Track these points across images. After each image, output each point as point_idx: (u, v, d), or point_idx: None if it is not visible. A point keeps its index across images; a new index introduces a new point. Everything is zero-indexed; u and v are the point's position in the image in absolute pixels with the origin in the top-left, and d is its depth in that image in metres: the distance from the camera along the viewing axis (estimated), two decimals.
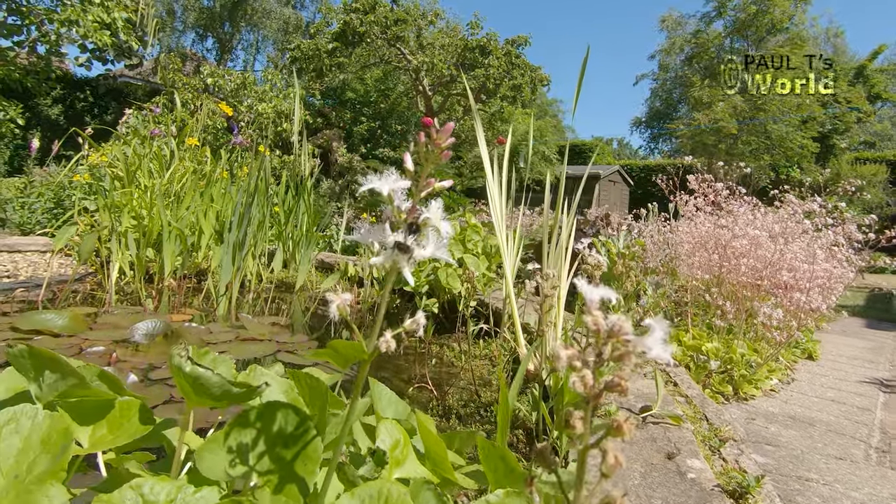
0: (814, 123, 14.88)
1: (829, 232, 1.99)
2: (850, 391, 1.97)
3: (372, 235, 0.51)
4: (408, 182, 0.51)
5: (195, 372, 0.57)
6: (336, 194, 7.74)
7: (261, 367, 0.78)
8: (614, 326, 0.32)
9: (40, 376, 0.57)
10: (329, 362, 0.92)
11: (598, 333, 0.33)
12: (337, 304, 0.51)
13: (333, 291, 0.52)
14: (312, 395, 0.67)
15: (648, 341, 0.31)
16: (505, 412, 0.75)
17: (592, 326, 0.33)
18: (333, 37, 7.61)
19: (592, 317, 0.33)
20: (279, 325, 2.36)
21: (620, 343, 0.32)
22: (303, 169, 3.50)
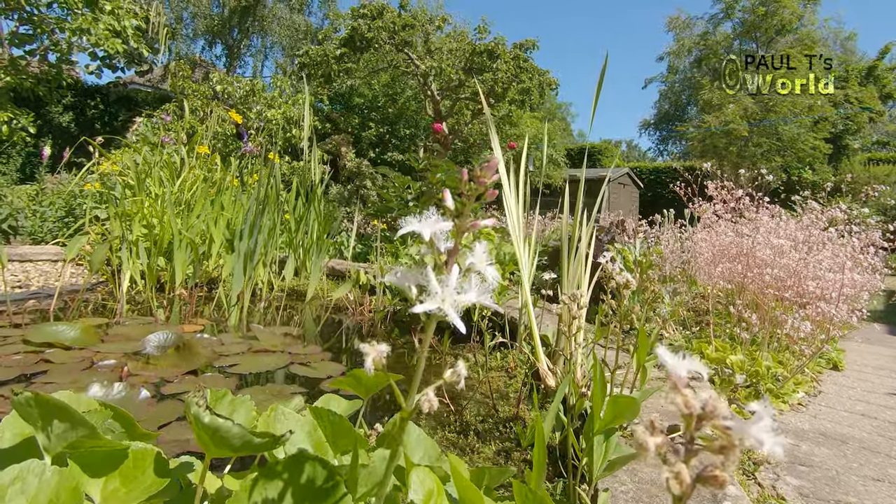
0: (826, 124, 14.71)
1: (854, 239, 1.93)
2: (880, 404, 1.90)
3: (409, 279, 0.48)
4: (450, 223, 0.47)
5: (214, 423, 0.53)
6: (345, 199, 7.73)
7: (281, 407, 0.74)
8: (708, 408, 0.28)
9: (48, 426, 0.53)
10: None
11: (689, 417, 0.29)
12: (373, 358, 0.48)
13: (369, 344, 0.48)
14: (335, 432, 0.63)
15: (755, 430, 0.27)
16: (541, 454, 0.70)
17: (683, 409, 0.29)
18: (341, 42, 7.61)
19: (682, 397, 0.29)
20: (291, 336, 2.33)
21: (719, 430, 0.28)
22: (313, 176, 3.48)
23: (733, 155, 13.86)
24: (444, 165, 4.07)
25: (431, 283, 0.46)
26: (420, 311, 0.45)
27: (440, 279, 0.46)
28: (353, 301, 3.02)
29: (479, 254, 0.48)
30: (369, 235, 5.15)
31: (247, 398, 0.74)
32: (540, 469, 0.71)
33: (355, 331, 2.64)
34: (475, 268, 0.47)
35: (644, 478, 0.91)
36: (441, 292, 0.45)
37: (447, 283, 0.45)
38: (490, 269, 0.48)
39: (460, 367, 0.50)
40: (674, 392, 0.29)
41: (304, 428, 0.70)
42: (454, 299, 0.45)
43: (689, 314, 2.45)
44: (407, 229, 0.47)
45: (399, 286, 0.49)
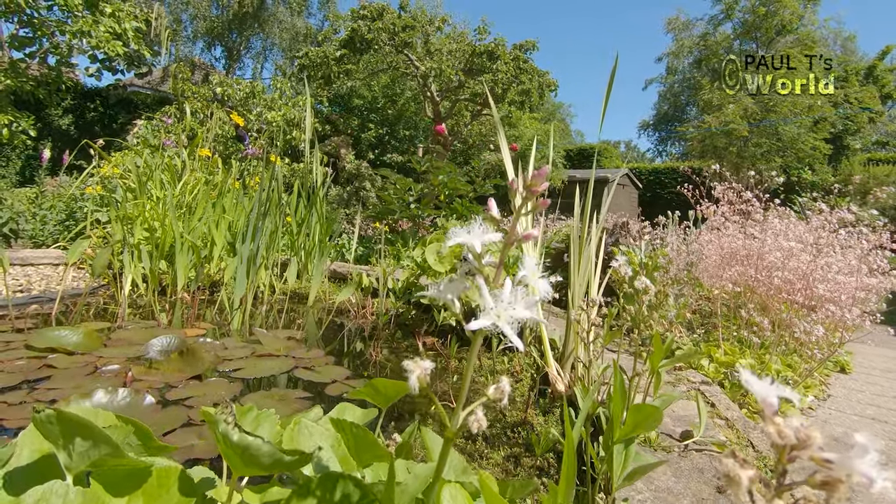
0: (825, 124, 14.70)
1: (863, 241, 1.92)
2: (891, 408, 1.89)
3: (449, 291, 0.46)
4: (499, 234, 0.46)
5: (244, 442, 0.51)
6: (345, 201, 7.72)
7: (305, 420, 0.73)
8: (802, 437, 0.27)
9: (70, 444, 0.51)
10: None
11: (782, 449, 0.27)
12: (417, 376, 0.46)
13: (413, 361, 0.47)
14: (359, 446, 0.62)
15: (862, 464, 0.25)
16: (571, 469, 0.69)
17: (777, 440, 0.27)
18: (341, 44, 7.60)
19: (775, 426, 0.27)
20: (294, 340, 2.31)
21: (819, 463, 0.26)
22: (314, 178, 3.47)
23: (733, 155, 13.85)
24: (446, 167, 4.06)
25: (486, 299, 0.44)
26: (476, 328, 0.44)
27: (493, 294, 0.45)
28: (356, 304, 3.00)
29: (530, 266, 0.46)
30: (370, 237, 5.13)
31: (271, 412, 0.72)
32: (569, 484, 0.69)
33: (358, 334, 2.63)
34: (527, 280, 0.46)
35: (661, 486, 0.90)
36: (496, 307, 0.44)
37: (501, 298, 0.44)
38: (542, 282, 0.46)
39: (504, 384, 0.48)
40: (766, 422, 0.28)
41: (327, 441, 0.69)
42: (509, 314, 0.44)
43: (694, 317, 2.44)
44: (456, 240, 0.46)
45: (440, 298, 0.47)
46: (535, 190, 0.44)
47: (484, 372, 2.03)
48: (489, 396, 0.48)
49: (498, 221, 0.47)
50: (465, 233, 0.46)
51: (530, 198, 0.45)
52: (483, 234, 0.46)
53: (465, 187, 4.15)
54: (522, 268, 0.46)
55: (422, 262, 2.79)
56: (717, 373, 1.65)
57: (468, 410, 0.47)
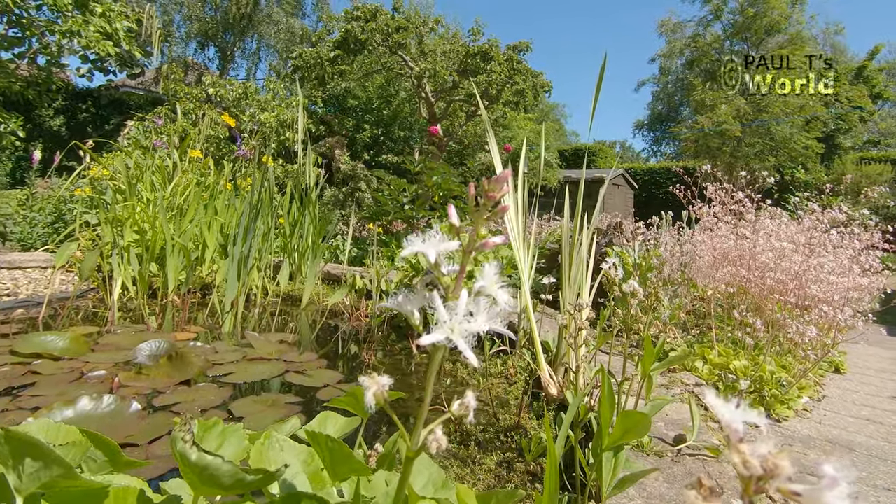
0: (817, 123, 14.80)
1: (856, 241, 1.92)
2: (886, 409, 1.88)
3: (411, 303, 0.45)
4: (456, 243, 0.44)
5: (202, 461, 0.49)
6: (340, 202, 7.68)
7: (275, 434, 0.71)
8: (769, 467, 0.25)
9: (19, 464, 0.49)
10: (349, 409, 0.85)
11: (748, 480, 0.25)
12: (374, 392, 0.44)
13: (369, 376, 0.45)
14: (334, 459, 0.60)
15: (831, 497, 0.24)
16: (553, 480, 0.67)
17: (742, 470, 0.25)
18: (335, 45, 7.56)
19: (739, 455, 0.25)
20: (286, 343, 2.29)
21: (786, 495, 0.25)
22: (307, 179, 3.44)
23: (727, 155, 13.93)
24: (440, 168, 4.04)
25: (439, 312, 0.42)
26: (428, 343, 0.42)
27: (448, 306, 0.42)
28: (350, 306, 2.98)
29: (489, 276, 0.44)
30: (365, 239, 5.11)
31: (238, 426, 0.70)
32: (552, 496, 0.68)
33: (352, 337, 2.61)
34: (486, 291, 0.44)
35: (652, 492, 0.88)
36: (449, 321, 0.42)
37: (455, 311, 0.42)
38: (501, 292, 0.44)
39: (469, 399, 0.47)
40: (731, 450, 0.26)
41: (300, 456, 0.67)
42: (464, 328, 0.42)
43: (688, 317, 2.43)
44: (410, 249, 0.44)
45: (401, 311, 0.45)
46: (491, 196, 0.43)
47: (477, 375, 2.01)
48: (453, 413, 0.46)
49: (457, 229, 0.45)
50: (421, 241, 0.44)
51: (487, 204, 0.43)
52: (439, 243, 0.44)
53: (460, 188, 4.14)
54: (481, 277, 0.44)
55: (415, 263, 2.77)
56: (711, 374, 1.64)
57: (429, 429, 0.45)
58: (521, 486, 1.24)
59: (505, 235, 0.53)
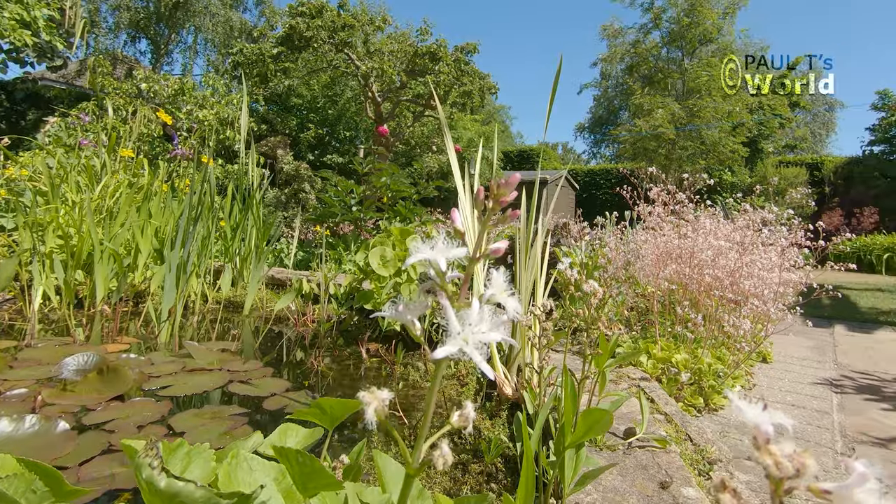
0: (743, 129, 15.82)
1: (782, 239, 2.06)
2: (807, 394, 2.03)
3: (410, 312, 0.43)
4: (463, 249, 0.42)
5: (172, 488, 0.45)
6: (283, 203, 7.47)
7: (243, 453, 0.66)
8: (797, 466, 0.25)
9: None
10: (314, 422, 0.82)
11: (778, 482, 0.25)
12: (375, 408, 0.42)
13: (368, 391, 0.42)
14: (304, 474, 0.57)
15: (860, 494, 0.24)
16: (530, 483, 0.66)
17: (775, 472, 0.25)
18: (278, 41, 7.32)
19: (772, 457, 0.25)
20: (229, 352, 2.19)
21: (816, 493, 0.25)
22: (250, 180, 3.31)
23: (662, 157, 14.63)
24: (389, 169, 4.00)
25: (451, 323, 0.40)
26: (443, 356, 0.40)
27: (459, 316, 0.41)
28: (296, 311, 2.89)
29: (498, 283, 0.43)
30: (311, 241, 4.98)
31: (204, 447, 0.65)
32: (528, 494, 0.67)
33: (298, 343, 2.53)
34: (495, 299, 0.43)
35: (608, 486, 0.90)
36: (463, 331, 0.40)
37: (468, 321, 0.40)
38: (512, 300, 0.43)
39: (468, 410, 0.45)
40: (762, 452, 0.26)
41: (270, 474, 0.63)
42: (478, 339, 0.40)
43: (631, 314, 2.52)
44: (418, 257, 0.42)
45: (400, 321, 0.43)
46: (503, 200, 0.41)
47: (425, 375, 2.00)
48: (452, 424, 0.45)
49: (463, 234, 0.44)
50: (429, 248, 0.42)
51: (497, 208, 0.42)
52: (448, 250, 0.42)
53: (409, 189, 4.11)
54: (491, 285, 0.43)
55: (364, 266, 2.72)
56: (654, 368, 1.71)
57: (430, 442, 0.44)
58: (478, 486, 1.24)
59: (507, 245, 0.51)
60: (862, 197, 14.88)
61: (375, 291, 2.30)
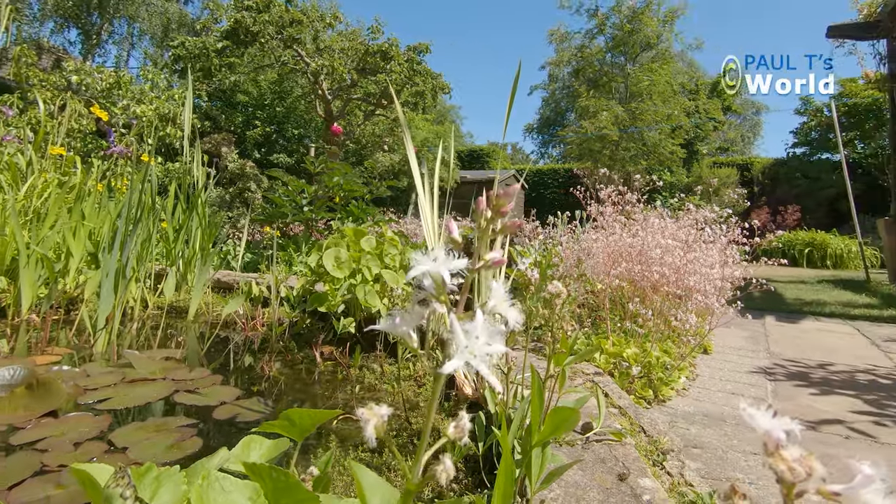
0: (681, 131, 16.65)
1: (721, 238, 2.19)
2: (744, 382, 2.15)
3: (406, 324, 0.42)
4: (464, 261, 0.42)
5: None
6: (227, 203, 7.20)
7: (215, 473, 0.62)
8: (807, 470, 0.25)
9: None
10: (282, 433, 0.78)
11: (790, 486, 0.26)
12: (374, 425, 0.40)
13: (367, 408, 0.41)
14: (277, 490, 0.54)
15: (867, 494, 0.25)
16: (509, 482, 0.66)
17: (788, 477, 0.26)
18: (223, 35, 7.02)
19: (785, 463, 0.26)
20: (174, 360, 2.08)
21: (826, 496, 0.25)
22: (195, 178, 3.16)
23: (606, 158, 15.16)
24: (342, 168, 3.93)
25: (458, 336, 0.39)
26: (451, 370, 0.39)
27: (465, 329, 0.40)
28: (244, 315, 2.78)
29: (499, 293, 0.42)
30: (259, 243, 4.82)
31: (174, 470, 0.61)
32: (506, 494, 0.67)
33: (248, 348, 2.44)
34: (496, 309, 0.42)
35: (569, 481, 0.92)
36: (469, 344, 0.39)
37: (473, 333, 0.39)
38: (513, 310, 0.43)
39: (464, 421, 0.44)
40: (774, 458, 0.26)
41: (245, 493, 0.60)
42: (485, 351, 0.39)
43: (582, 310, 2.60)
44: (419, 269, 0.41)
45: (395, 333, 0.42)
46: (503, 210, 0.41)
47: (388, 379, 1.98)
48: (449, 436, 0.44)
49: (460, 244, 0.43)
50: (430, 260, 0.41)
51: (497, 217, 0.41)
52: (450, 262, 0.41)
53: (362, 189, 4.05)
54: (492, 296, 0.43)
55: (317, 267, 2.66)
56: (607, 363, 1.77)
57: (428, 454, 0.43)
58: (439, 488, 1.24)
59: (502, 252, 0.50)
60: (786, 196, 15.99)
61: (330, 293, 2.25)
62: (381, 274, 2.24)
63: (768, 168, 18.64)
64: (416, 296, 0.44)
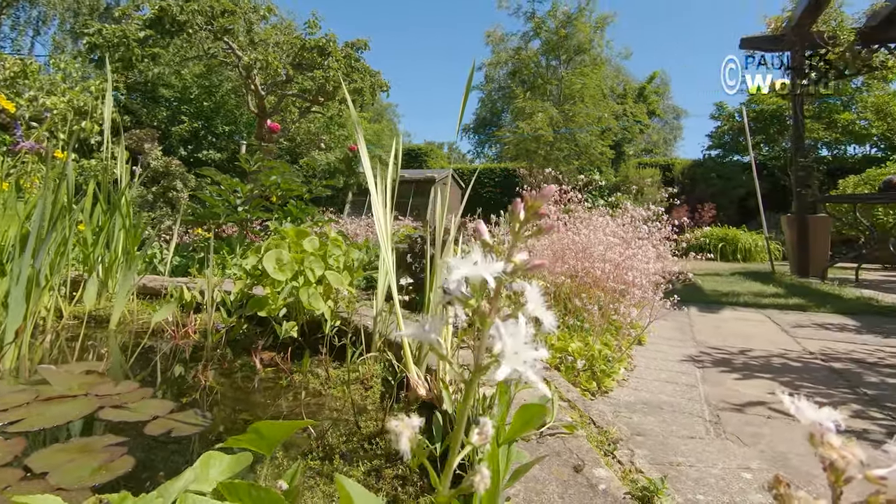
0: (610, 133, 17.49)
1: (655, 234, 2.31)
2: (677, 370, 2.28)
3: (434, 331, 0.40)
4: (501, 263, 0.40)
5: None
6: (150, 203, 6.78)
7: (193, 496, 0.57)
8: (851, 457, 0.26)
9: None
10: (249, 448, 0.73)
11: (839, 473, 0.26)
12: (408, 437, 0.39)
13: (399, 420, 0.40)
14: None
15: None
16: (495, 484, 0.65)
17: (841, 464, 0.26)
18: (146, 23, 6.53)
19: (837, 452, 0.26)
20: (96, 374, 1.92)
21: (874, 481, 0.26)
22: (119, 176, 2.93)
23: (541, 158, 15.66)
24: (280, 167, 3.79)
25: (505, 343, 0.38)
26: (503, 378, 0.37)
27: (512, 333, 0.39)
28: (174, 322, 2.62)
29: (535, 297, 0.41)
30: (188, 245, 4.55)
31: (151, 496, 0.55)
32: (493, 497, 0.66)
33: (179, 358, 2.29)
34: (533, 313, 0.41)
35: (528, 476, 0.93)
36: (519, 352, 0.38)
37: (519, 339, 0.38)
38: (549, 314, 0.42)
39: (487, 427, 0.43)
40: (825, 448, 0.27)
41: None
42: (532, 357, 0.38)
43: None
44: (460, 273, 0.39)
45: (424, 340, 0.40)
46: (543, 213, 0.40)
47: (334, 383, 1.93)
48: (473, 444, 0.43)
49: (490, 246, 0.42)
50: (471, 263, 0.40)
51: (532, 219, 0.40)
52: (490, 266, 0.40)
53: (301, 188, 3.93)
54: (530, 300, 0.42)
55: (253, 270, 2.54)
56: (553, 358, 1.82)
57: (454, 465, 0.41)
58: (393, 491, 1.22)
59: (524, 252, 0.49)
60: (703, 195, 17.17)
61: (271, 297, 2.16)
62: (325, 275, 2.18)
63: (687, 169, 19.94)
64: (443, 298, 0.43)
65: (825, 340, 3.06)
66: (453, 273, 0.41)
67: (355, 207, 12.78)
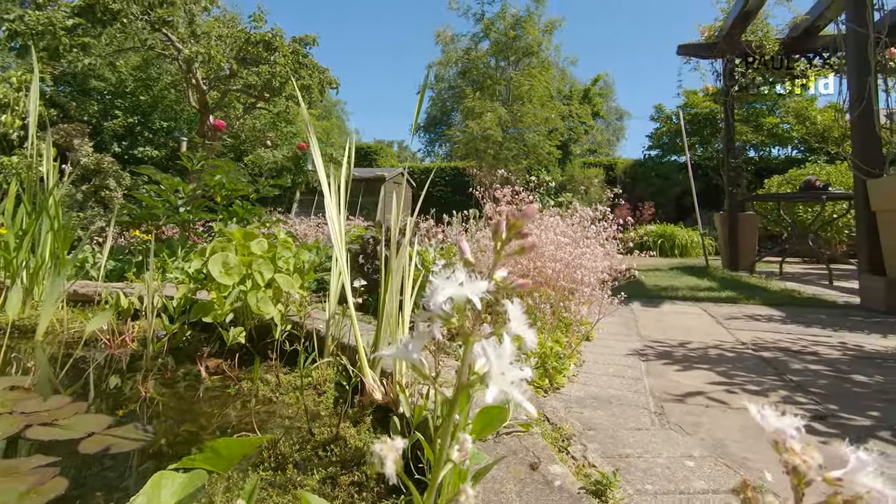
0: (556, 133, 17.95)
1: (602, 233, 2.40)
2: (623, 364, 2.37)
3: (416, 350, 0.39)
4: (485, 283, 0.39)
5: None
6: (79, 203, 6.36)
7: None
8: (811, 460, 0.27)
9: None
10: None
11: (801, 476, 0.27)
12: (393, 460, 0.37)
13: (381, 441, 0.38)
14: None
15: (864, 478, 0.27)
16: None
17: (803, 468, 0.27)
18: (75, 11, 6.07)
19: (799, 457, 0.27)
20: (21, 389, 1.78)
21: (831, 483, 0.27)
22: (46, 175, 2.72)
23: (490, 157, 15.87)
24: (224, 166, 3.64)
25: (492, 364, 0.37)
26: (493, 401, 0.37)
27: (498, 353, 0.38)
28: (109, 331, 2.46)
29: (518, 315, 0.41)
30: (124, 248, 4.30)
31: None
32: None
33: (116, 369, 2.16)
34: (515, 332, 0.41)
35: (487, 476, 0.94)
36: (506, 373, 0.38)
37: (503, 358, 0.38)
38: (530, 332, 0.42)
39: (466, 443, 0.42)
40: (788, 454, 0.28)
41: None
42: (518, 377, 0.38)
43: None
44: (446, 293, 0.38)
45: (407, 360, 0.39)
46: (524, 233, 0.40)
47: (286, 389, 1.88)
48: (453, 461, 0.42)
49: (472, 264, 0.41)
50: (456, 284, 0.39)
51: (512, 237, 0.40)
52: (475, 284, 0.40)
53: (247, 188, 3.79)
54: (512, 318, 0.41)
55: (197, 274, 2.43)
56: None
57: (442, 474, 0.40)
58: (350, 499, 1.20)
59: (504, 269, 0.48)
60: (643, 193, 17.95)
61: (217, 302, 2.07)
62: (275, 278, 2.11)
63: (629, 168, 20.76)
64: (422, 315, 0.42)
65: (755, 331, 3.26)
66: (438, 294, 0.40)
67: (303, 207, 12.49)
